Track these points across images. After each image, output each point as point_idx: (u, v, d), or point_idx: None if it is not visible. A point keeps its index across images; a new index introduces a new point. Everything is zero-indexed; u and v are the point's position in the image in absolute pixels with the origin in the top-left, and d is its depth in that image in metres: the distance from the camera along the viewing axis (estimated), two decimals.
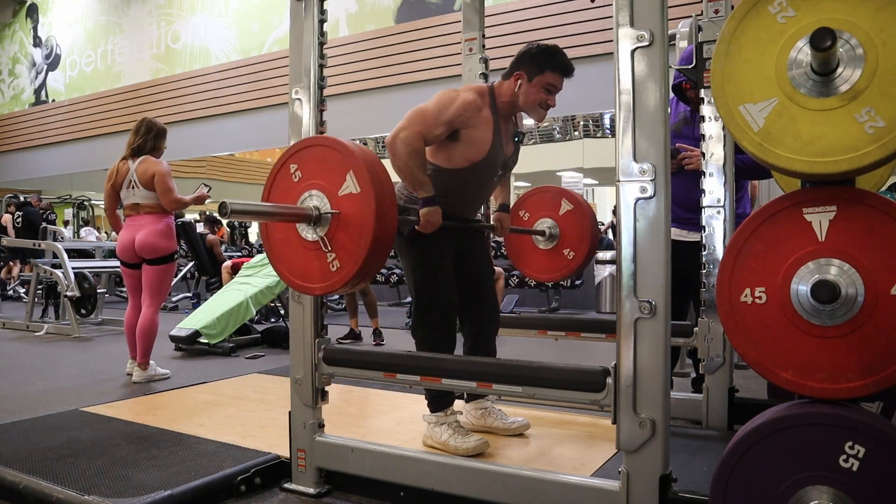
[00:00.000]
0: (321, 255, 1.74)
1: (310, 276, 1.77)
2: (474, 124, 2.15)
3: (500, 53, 6.11)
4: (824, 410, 1.26)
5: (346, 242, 1.70)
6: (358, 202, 1.69)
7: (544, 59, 2.16)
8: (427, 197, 2.08)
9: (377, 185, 1.68)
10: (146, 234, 3.56)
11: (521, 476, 1.71)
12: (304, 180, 1.77)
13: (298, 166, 1.79)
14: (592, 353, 4.56)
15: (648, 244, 1.48)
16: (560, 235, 2.90)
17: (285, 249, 1.82)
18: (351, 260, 1.69)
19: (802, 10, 1.25)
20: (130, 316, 3.72)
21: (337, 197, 1.72)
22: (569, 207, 2.88)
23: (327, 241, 1.72)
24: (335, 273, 1.72)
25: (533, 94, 2.17)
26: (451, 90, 2.18)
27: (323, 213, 1.73)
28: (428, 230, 2.09)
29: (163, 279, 3.65)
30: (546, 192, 2.99)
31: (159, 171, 3.54)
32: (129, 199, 3.63)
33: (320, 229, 1.74)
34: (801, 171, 1.27)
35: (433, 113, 2.10)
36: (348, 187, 1.70)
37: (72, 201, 14.24)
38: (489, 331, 2.45)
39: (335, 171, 1.73)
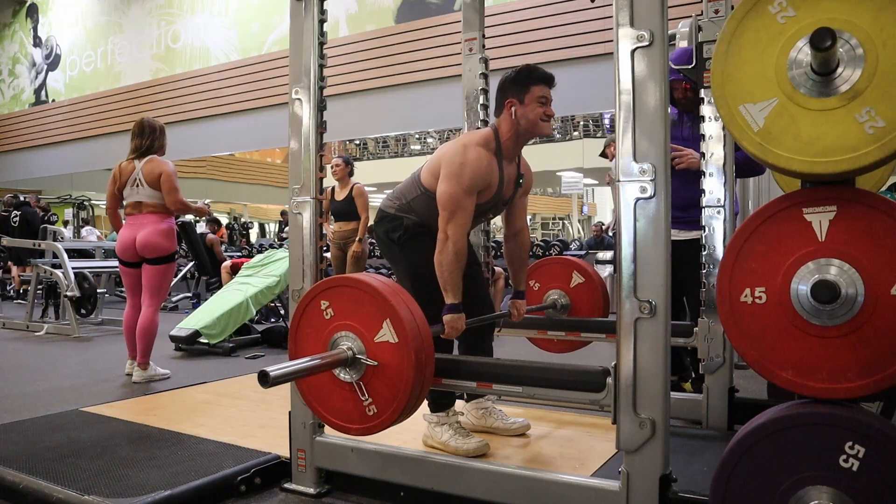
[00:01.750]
0: (356, 397, 1.71)
1: (346, 416, 1.74)
2: (488, 181, 2.16)
3: (500, 53, 6.13)
4: (824, 410, 1.26)
5: (382, 391, 1.68)
6: (395, 352, 1.65)
7: (525, 77, 2.16)
8: (453, 304, 2.09)
9: (415, 335, 1.65)
10: (148, 234, 3.56)
11: (521, 476, 1.71)
12: (336, 319, 1.74)
13: (330, 304, 1.75)
14: (592, 353, 4.56)
15: (648, 244, 1.48)
16: (571, 307, 2.92)
17: (318, 385, 1.78)
18: (389, 408, 1.67)
19: (802, 10, 1.25)
20: (129, 316, 3.72)
21: (372, 343, 1.68)
22: (580, 280, 2.90)
23: (363, 386, 1.70)
24: (372, 417, 1.70)
25: (530, 111, 2.16)
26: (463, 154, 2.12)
27: (358, 357, 1.69)
28: (453, 337, 2.12)
29: (163, 279, 3.65)
30: (557, 264, 3.02)
31: (166, 171, 3.55)
32: (133, 196, 3.62)
33: (355, 373, 1.70)
34: (801, 171, 1.27)
35: (465, 196, 2.08)
36: (385, 335, 1.67)
37: (72, 201, 14.24)
38: (486, 334, 2.44)
39: (370, 316, 1.69)
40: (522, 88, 2.15)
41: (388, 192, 2.45)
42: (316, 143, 1.98)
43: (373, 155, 15.53)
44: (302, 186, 1.99)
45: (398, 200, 2.31)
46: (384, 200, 2.38)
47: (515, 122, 2.17)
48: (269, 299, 5.28)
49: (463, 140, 2.19)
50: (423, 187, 2.24)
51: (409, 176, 2.33)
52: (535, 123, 2.18)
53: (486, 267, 2.86)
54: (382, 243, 2.37)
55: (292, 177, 2.02)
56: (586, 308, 2.92)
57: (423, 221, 2.24)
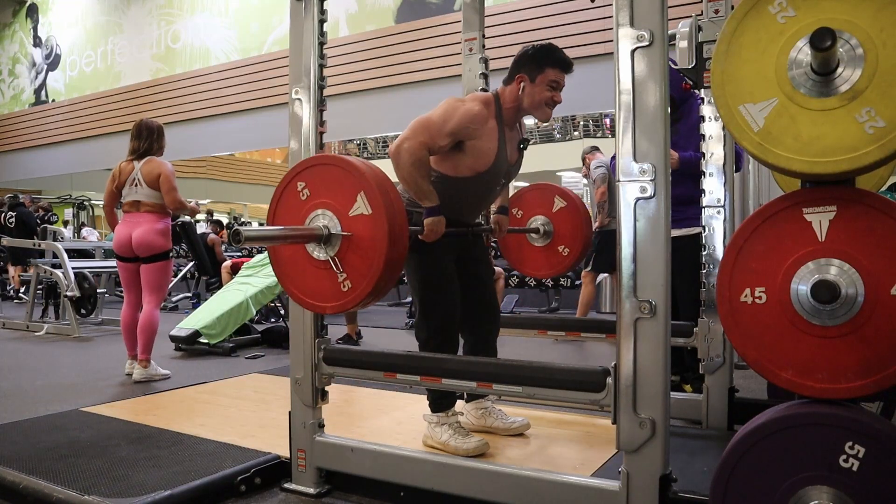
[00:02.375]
0: (331, 274, 1.73)
1: (320, 294, 1.77)
2: (479, 135, 2.14)
3: (500, 53, 6.10)
4: (824, 410, 1.27)
5: (357, 264, 1.70)
6: (369, 224, 1.68)
7: (543, 57, 2.16)
8: (431, 207, 2.07)
9: (389, 206, 1.67)
10: (144, 232, 3.62)
11: (521, 476, 1.71)
12: (312, 199, 1.76)
13: (306, 184, 1.77)
14: (592, 353, 4.57)
15: (648, 244, 1.48)
16: (554, 233, 2.90)
17: (293, 268, 1.81)
18: (363, 281, 1.69)
19: (802, 10, 1.25)
20: (127, 313, 3.76)
21: (347, 217, 1.71)
22: (562, 204, 2.88)
23: (338, 261, 1.71)
24: (347, 293, 1.72)
25: (538, 93, 2.16)
26: (457, 99, 2.16)
27: (333, 233, 1.72)
28: (431, 239, 2.09)
29: (161, 276, 3.71)
30: (539, 190, 2.99)
31: (165, 171, 3.64)
32: (131, 196, 3.70)
33: (330, 249, 1.73)
34: (800, 171, 1.27)
35: (437, 124, 2.09)
36: (359, 208, 1.69)
37: (72, 201, 14.23)
38: (490, 333, 2.44)
39: (345, 191, 1.71)
40: (538, 67, 2.15)
41: None
42: (316, 143, 1.98)
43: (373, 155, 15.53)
44: None
45: (407, 193, 2.23)
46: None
47: (520, 98, 2.17)
48: (269, 299, 5.28)
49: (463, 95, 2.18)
50: (433, 171, 2.19)
51: None
52: (538, 105, 2.17)
53: None
54: None
55: None
56: (569, 231, 2.88)
57: None
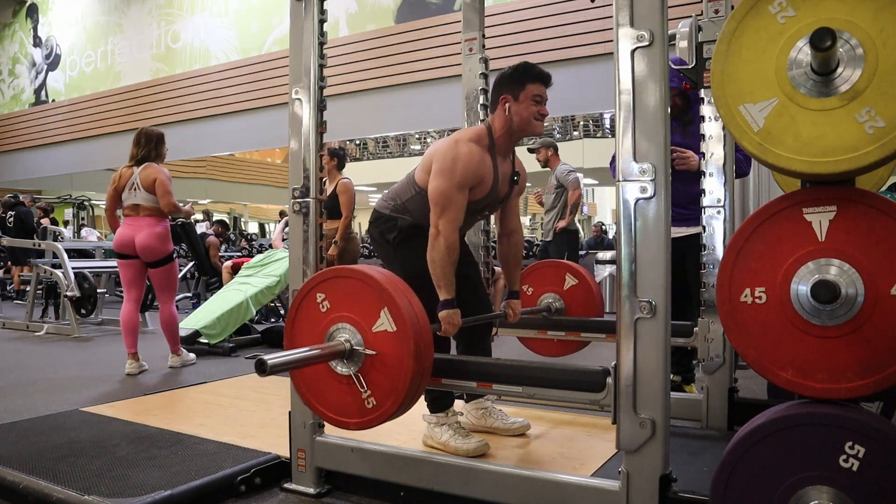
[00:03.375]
0: (354, 390, 1.69)
1: (344, 410, 1.72)
2: (480, 176, 2.15)
3: (500, 53, 6.13)
4: (824, 410, 1.27)
5: (381, 382, 1.66)
6: (394, 341, 1.64)
7: (521, 75, 2.16)
8: (447, 299, 2.08)
9: (414, 323, 1.64)
10: (146, 237, 3.84)
11: (522, 476, 1.71)
12: (332, 311, 1.73)
13: (326, 296, 1.74)
14: (592, 353, 4.56)
15: (648, 244, 1.48)
16: (565, 310, 2.92)
17: (315, 381, 1.77)
18: (388, 399, 1.65)
19: (802, 10, 1.25)
20: (127, 311, 3.92)
21: (370, 333, 1.67)
22: (573, 283, 2.90)
23: (362, 378, 1.68)
24: (371, 410, 1.68)
25: (524, 109, 2.15)
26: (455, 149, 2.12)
27: (356, 348, 1.68)
28: (449, 333, 2.10)
29: (169, 277, 3.98)
30: (548, 267, 3.01)
31: (160, 177, 3.86)
32: (130, 199, 3.91)
33: (353, 365, 1.69)
34: (801, 171, 1.27)
35: (456, 191, 2.07)
36: (383, 324, 1.66)
37: (72, 201, 14.23)
38: (483, 333, 2.44)
39: (367, 306, 1.68)
40: (518, 86, 2.15)
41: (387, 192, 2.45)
42: (316, 143, 1.98)
43: (373, 155, 15.53)
44: (302, 186, 1.99)
45: (393, 201, 2.30)
46: (379, 201, 2.38)
47: (509, 119, 2.17)
48: (269, 299, 5.28)
49: (455, 136, 2.18)
50: (417, 187, 2.23)
51: (405, 176, 2.33)
52: (528, 122, 2.17)
53: (486, 267, 2.86)
54: (377, 244, 2.36)
55: (292, 177, 2.01)
56: (581, 310, 2.91)
57: (417, 222, 2.23)
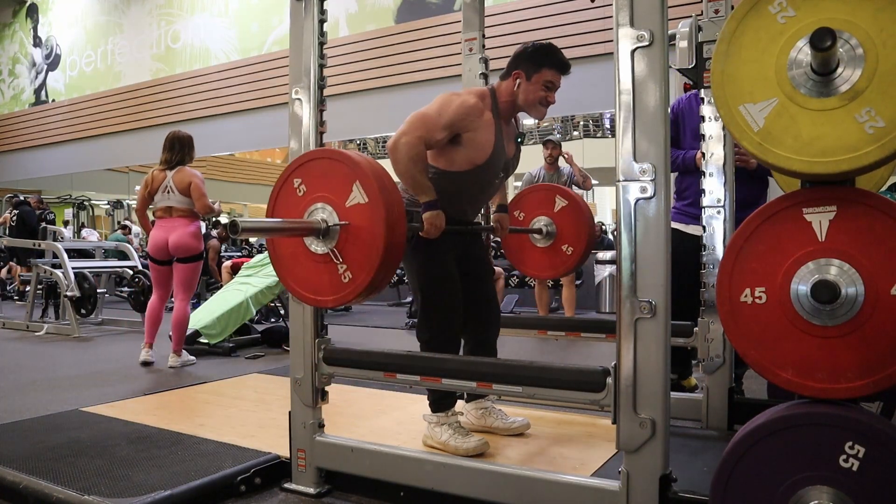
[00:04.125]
0: (331, 268, 1.73)
1: (320, 288, 1.77)
2: (476, 127, 2.15)
3: (500, 53, 6.10)
4: (824, 410, 1.26)
5: (356, 253, 1.70)
6: (367, 212, 1.68)
7: (541, 57, 2.16)
8: (430, 201, 2.07)
9: (385, 193, 1.68)
10: (180, 236, 4.00)
11: (521, 476, 1.71)
12: (309, 194, 1.77)
13: (302, 180, 1.78)
14: (592, 353, 4.57)
15: (648, 244, 1.48)
16: (557, 232, 2.90)
17: (293, 263, 1.81)
18: (363, 270, 1.69)
19: (802, 10, 1.25)
20: (154, 305, 4.16)
21: (344, 208, 1.71)
22: (564, 204, 2.88)
23: (337, 252, 1.72)
24: (347, 284, 1.72)
25: (532, 91, 2.17)
26: (452, 93, 2.17)
27: (331, 225, 1.72)
28: (432, 234, 2.09)
29: (193, 275, 4.12)
30: (540, 191, 2.99)
31: (195, 181, 4.02)
32: (163, 202, 4.06)
33: (329, 242, 1.73)
34: (800, 171, 1.27)
35: (434, 117, 2.09)
36: (356, 198, 1.69)
37: (72, 201, 14.23)
38: (491, 333, 2.44)
39: (341, 183, 1.72)
40: (534, 66, 2.15)
41: None
42: (316, 143, 1.98)
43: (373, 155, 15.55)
44: None
45: (407, 193, 2.23)
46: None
47: (515, 94, 2.18)
48: (269, 299, 5.27)
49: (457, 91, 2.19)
50: (431, 167, 2.20)
51: None
52: (532, 104, 2.18)
53: None
54: None
55: None
56: (572, 230, 2.87)
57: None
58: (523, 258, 2.98)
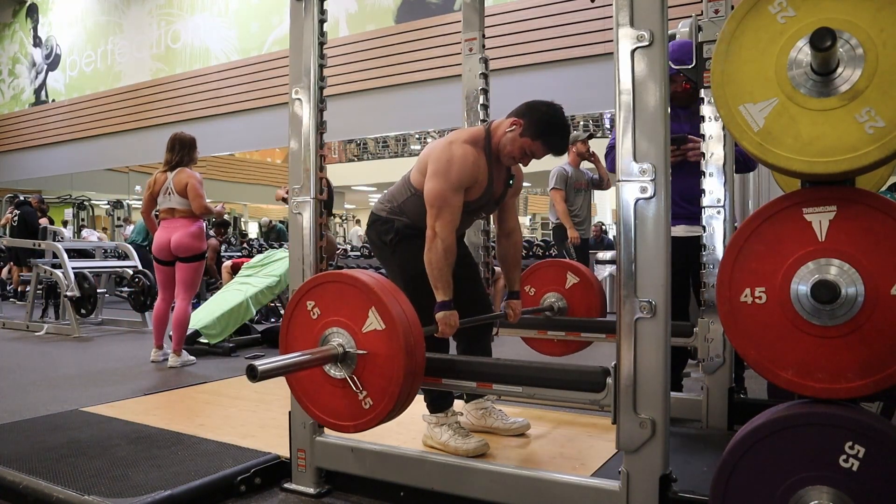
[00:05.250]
0: (350, 393, 1.71)
1: (340, 414, 1.74)
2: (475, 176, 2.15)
3: (500, 53, 6.13)
4: (824, 410, 1.26)
5: (376, 380, 1.67)
6: (384, 339, 1.66)
7: (544, 130, 2.12)
8: (444, 301, 2.08)
9: (402, 319, 1.66)
10: (181, 236, 4.04)
11: (521, 476, 1.71)
12: (323, 317, 1.74)
13: (316, 303, 1.76)
14: (592, 353, 4.56)
15: (648, 244, 1.48)
16: (568, 309, 2.92)
17: (311, 386, 1.78)
18: (384, 398, 1.67)
19: (802, 10, 1.25)
20: (160, 307, 4.23)
21: (361, 334, 1.69)
22: (575, 281, 2.90)
23: (356, 380, 1.69)
24: (368, 411, 1.69)
25: (514, 147, 2.15)
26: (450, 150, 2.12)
27: (348, 351, 1.70)
28: (447, 335, 2.11)
29: (195, 275, 4.13)
30: (550, 267, 3.01)
31: (191, 182, 4.05)
32: (166, 204, 4.10)
33: (347, 368, 1.71)
34: (800, 171, 1.27)
35: (452, 193, 2.08)
36: (372, 324, 1.67)
37: (72, 201, 14.23)
38: (483, 333, 2.44)
39: (355, 308, 1.70)
40: (533, 132, 2.12)
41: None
42: (316, 143, 1.98)
43: (373, 155, 15.52)
44: (302, 186, 1.99)
45: (389, 203, 2.30)
46: (376, 203, 2.38)
47: (507, 139, 2.16)
48: (269, 299, 5.28)
49: (450, 137, 2.18)
50: (413, 188, 2.23)
51: (401, 178, 2.33)
52: (505, 154, 2.18)
53: (486, 267, 2.86)
54: (375, 246, 2.37)
55: (292, 177, 2.01)
56: (583, 309, 2.91)
57: (414, 223, 2.23)
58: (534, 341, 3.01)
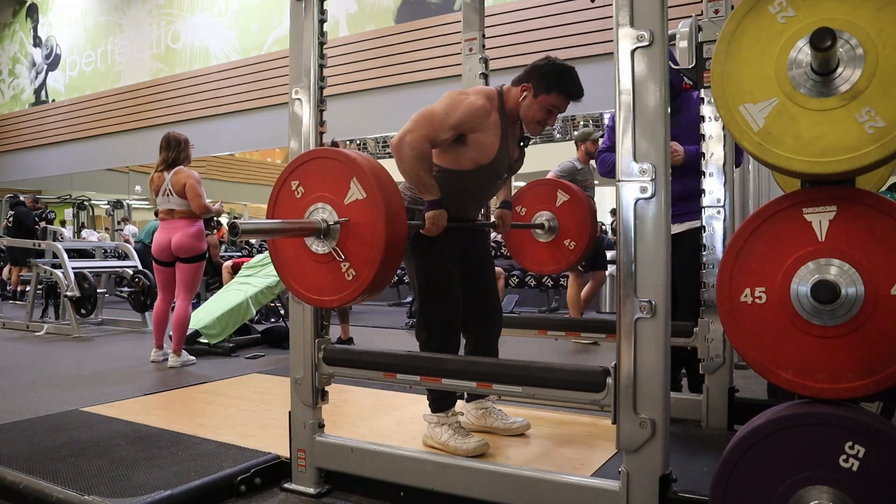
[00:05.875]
0: (334, 267, 1.73)
1: (324, 289, 1.77)
2: (482, 129, 2.14)
3: (500, 53, 6.13)
4: (824, 410, 1.27)
5: (358, 249, 1.70)
6: (366, 207, 1.68)
7: (554, 80, 2.13)
8: (433, 200, 2.07)
9: (382, 187, 1.68)
10: (181, 237, 4.03)
11: (521, 476, 1.71)
12: (307, 195, 1.77)
13: (300, 182, 1.78)
14: (592, 353, 4.57)
15: (648, 244, 1.48)
16: (559, 227, 2.89)
17: (296, 265, 1.81)
18: (366, 267, 1.69)
19: (802, 10, 1.25)
20: (160, 308, 4.23)
21: (343, 206, 1.72)
22: (565, 198, 2.87)
23: (339, 251, 1.72)
24: (351, 282, 1.71)
25: (534, 110, 2.15)
26: (460, 93, 2.17)
27: (331, 224, 1.72)
28: (433, 233, 2.09)
29: (195, 276, 4.13)
30: (542, 186, 2.98)
31: (190, 181, 4.02)
32: (165, 205, 4.09)
33: (331, 241, 1.73)
34: (800, 171, 1.27)
35: (440, 117, 2.08)
36: (353, 194, 1.70)
37: (72, 201, 14.23)
38: (492, 333, 2.44)
39: (338, 181, 1.73)
40: (545, 87, 2.13)
41: None
42: (316, 143, 1.99)
43: (373, 155, 15.55)
44: None
45: (409, 190, 2.24)
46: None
47: (518, 104, 2.17)
48: (269, 299, 5.27)
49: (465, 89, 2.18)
50: (435, 165, 2.18)
51: None
52: (529, 120, 2.18)
53: None
54: None
55: None
56: (574, 225, 2.86)
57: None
58: (526, 253, 2.97)
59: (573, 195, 2.86)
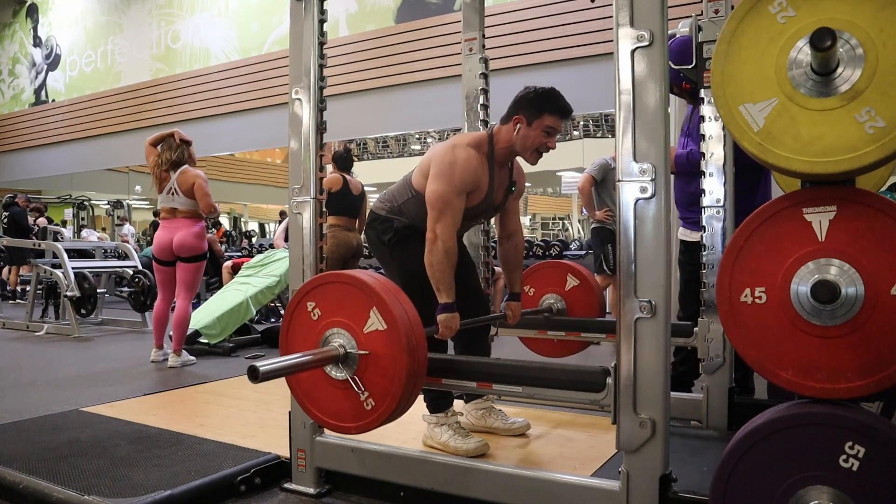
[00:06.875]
0: (352, 394, 1.69)
1: (343, 415, 1.72)
2: (478, 183, 2.16)
3: (500, 53, 6.13)
4: (824, 410, 1.26)
5: (379, 382, 1.66)
6: (386, 339, 1.64)
7: (543, 103, 2.14)
8: (446, 303, 2.08)
9: (403, 319, 1.65)
10: (184, 236, 4.03)
11: (522, 476, 1.71)
12: (323, 318, 1.73)
13: (316, 304, 1.75)
14: (592, 353, 4.56)
15: (648, 244, 1.48)
16: (567, 311, 2.92)
17: (313, 389, 1.77)
18: (386, 399, 1.65)
19: (802, 10, 1.25)
20: (159, 308, 4.22)
21: (362, 334, 1.67)
22: (575, 283, 2.90)
23: (359, 381, 1.68)
24: (370, 412, 1.67)
25: (532, 137, 2.15)
26: (453, 147, 2.13)
27: (350, 352, 1.68)
28: (446, 337, 2.11)
29: (196, 275, 4.13)
30: (550, 268, 3.02)
31: (198, 181, 4.03)
32: (168, 203, 4.08)
33: (349, 369, 1.69)
34: (800, 171, 1.27)
35: (450, 193, 2.08)
36: (373, 324, 1.66)
37: (72, 201, 14.23)
38: (481, 330, 2.44)
39: (357, 308, 1.68)
40: (536, 112, 2.13)
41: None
42: (316, 143, 1.98)
43: (373, 155, 15.52)
44: (302, 186, 1.99)
45: (389, 203, 2.31)
46: (375, 202, 2.38)
47: (514, 139, 2.17)
48: (269, 299, 5.27)
49: (453, 141, 2.18)
50: (413, 190, 2.23)
51: (401, 178, 2.33)
52: (528, 150, 2.17)
53: (486, 267, 2.86)
54: (374, 245, 2.37)
55: (292, 177, 2.01)
56: (582, 310, 2.91)
57: (413, 224, 2.23)
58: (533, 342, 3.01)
59: (583, 280, 2.89)
